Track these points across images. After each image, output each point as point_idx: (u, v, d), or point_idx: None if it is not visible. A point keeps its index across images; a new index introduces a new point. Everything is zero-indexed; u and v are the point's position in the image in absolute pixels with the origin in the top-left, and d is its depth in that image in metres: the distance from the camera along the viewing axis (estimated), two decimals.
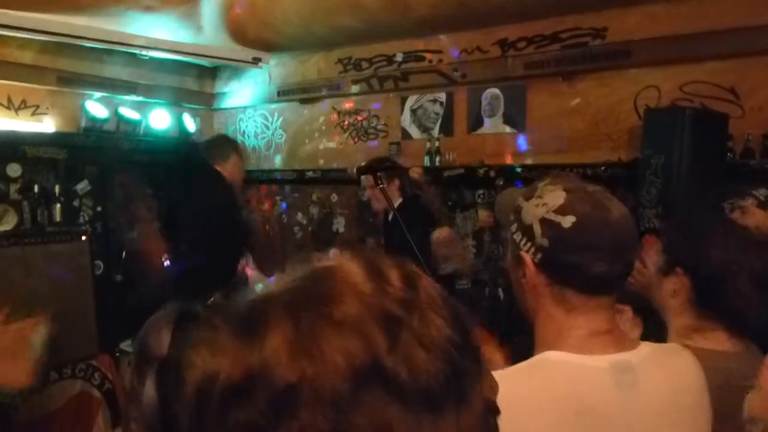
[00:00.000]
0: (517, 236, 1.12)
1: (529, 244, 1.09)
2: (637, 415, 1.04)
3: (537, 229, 1.07)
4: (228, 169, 3.95)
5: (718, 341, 1.42)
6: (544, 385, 1.03)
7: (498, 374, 1.05)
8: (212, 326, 0.56)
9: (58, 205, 4.41)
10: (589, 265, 1.04)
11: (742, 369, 1.34)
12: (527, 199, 1.12)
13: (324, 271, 0.58)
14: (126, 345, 4.25)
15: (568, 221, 1.04)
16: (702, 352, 1.30)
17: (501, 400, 0.99)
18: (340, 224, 5.33)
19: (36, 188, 4.35)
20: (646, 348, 1.11)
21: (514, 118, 4.42)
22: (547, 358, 1.06)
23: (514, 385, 1.01)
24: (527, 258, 1.10)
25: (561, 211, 1.05)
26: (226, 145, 4.12)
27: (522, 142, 4.38)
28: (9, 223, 4.29)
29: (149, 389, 1.30)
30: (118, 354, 4.30)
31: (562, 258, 1.06)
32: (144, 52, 4.69)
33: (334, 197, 5.33)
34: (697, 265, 1.42)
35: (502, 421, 0.98)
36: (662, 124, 3.40)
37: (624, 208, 1.09)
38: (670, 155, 3.30)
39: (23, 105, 4.56)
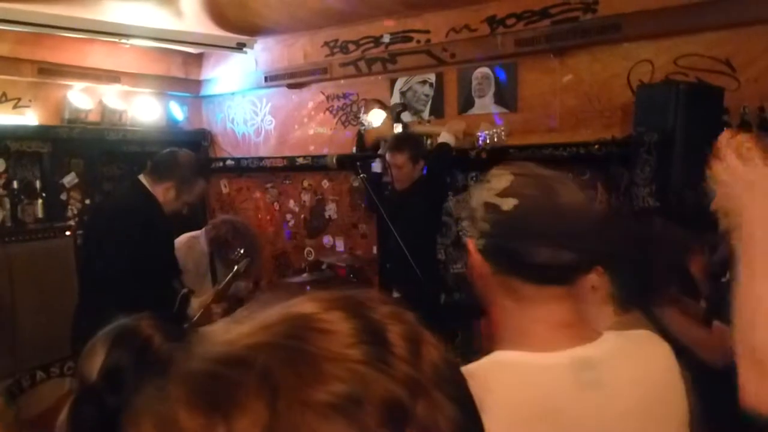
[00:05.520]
0: (465, 223, 1.06)
1: (473, 229, 1.04)
2: (602, 414, 0.96)
3: (480, 213, 1.02)
4: (160, 193, 3.09)
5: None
6: (495, 390, 0.95)
7: None
8: (164, 394, 0.43)
9: (40, 201, 4.32)
10: (531, 253, 0.97)
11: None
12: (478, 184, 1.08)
13: (304, 328, 0.46)
14: None
15: (508, 204, 0.98)
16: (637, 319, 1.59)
17: None
18: (332, 210, 5.25)
19: (15, 184, 4.25)
20: (612, 338, 1.02)
21: (505, 97, 4.30)
22: (499, 361, 0.98)
23: None
24: (471, 245, 1.04)
25: (503, 193, 0.99)
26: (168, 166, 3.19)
27: (513, 121, 4.28)
28: None
29: (63, 415, 1.20)
30: None
31: (502, 244, 1.00)
32: (125, 40, 4.57)
33: (326, 183, 5.24)
34: (620, 268, 1.59)
35: None
36: (655, 100, 3.29)
37: (580, 194, 1.02)
38: (665, 132, 3.20)
39: (4, 98, 4.46)
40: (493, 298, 1.06)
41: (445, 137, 4.11)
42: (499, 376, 0.95)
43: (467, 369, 0.97)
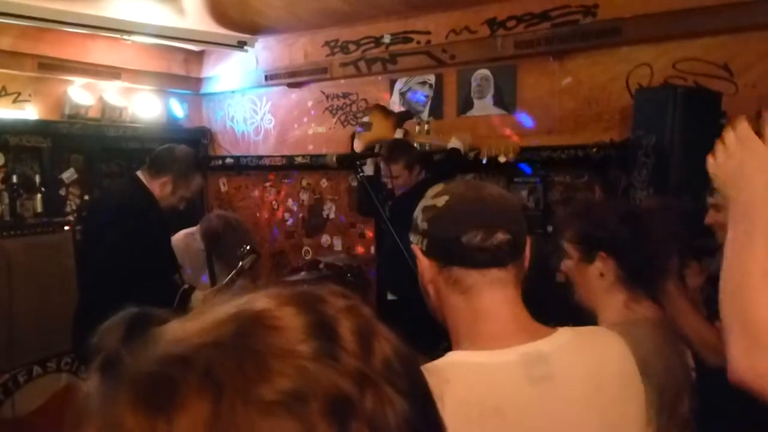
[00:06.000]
0: (411, 238, 1.16)
1: (416, 236, 1.14)
2: (556, 409, 0.99)
3: (419, 218, 1.14)
4: (156, 188, 3.09)
5: (652, 308, 1.62)
6: (444, 390, 0.98)
7: None
8: (111, 395, 0.43)
9: (39, 195, 4.33)
10: (467, 235, 1.06)
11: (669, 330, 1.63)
12: None
13: (253, 325, 0.45)
14: None
15: (442, 201, 1.10)
16: (647, 320, 1.56)
17: None
18: (330, 210, 5.26)
19: (15, 178, 4.26)
20: (564, 334, 1.07)
21: (505, 99, 4.32)
22: (452, 361, 1.03)
23: None
24: (417, 250, 1.13)
25: (436, 195, 1.13)
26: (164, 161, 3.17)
27: (512, 124, 4.29)
28: None
29: (91, 383, 1.23)
30: None
31: (440, 234, 1.09)
32: (127, 37, 4.58)
33: (324, 183, 5.25)
34: (622, 246, 1.57)
35: None
36: (653, 104, 3.31)
37: (503, 191, 1.15)
38: (662, 135, 3.21)
39: (3, 92, 4.46)
40: (443, 301, 1.12)
41: (455, 143, 4.11)
42: (452, 376, 0.97)
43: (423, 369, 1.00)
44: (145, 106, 5.30)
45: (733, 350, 1.06)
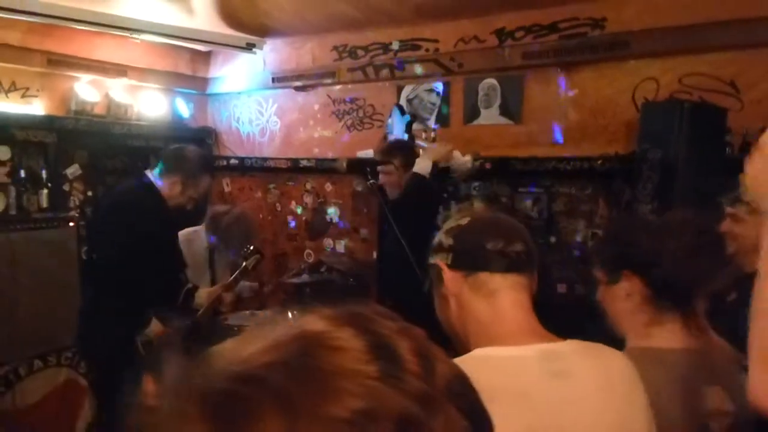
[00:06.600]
0: (433, 259, 1.27)
1: (440, 254, 1.25)
2: (574, 403, 1.05)
3: (443, 237, 1.26)
4: (165, 187, 3.16)
5: (674, 336, 1.47)
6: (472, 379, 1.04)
7: None
8: (182, 413, 0.43)
9: (45, 191, 4.33)
10: (491, 242, 1.19)
11: (696, 365, 1.44)
12: None
13: (317, 346, 0.46)
14: None
15: (465, 220, 1.25)
16: (658, 352, 1.43)
17: None
18: (334, 214, 5.27)
19: (22, 172, 4.27)
20: (573, 342, 1.16)
21: (511, 109, 4.34)
22: (474, 356, 1.12)
23: None
24: (443, 265, 1.23)
25: (458, 218, 1.28)
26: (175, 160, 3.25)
27: (517, 133, 4.31)
28: None
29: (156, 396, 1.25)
30: None
31: (467, 244, 1.22)
32: (135, 35, 4.60)
33: (329, 187, 5.27)
34: (645, 262, 1.49)
35: None
36: (659, 118, 3.34)
37: (510, 217, 1.31)
38: (668, 150, 3.24)
39: (13, 87, 4.48)
40: (468, 308, 1.21)
41: (420, 166, 3.63)
42: (475, 367, 1.01)
43: None
44: (150, 105, 5.32)
45: (751, 369, 1.06)
